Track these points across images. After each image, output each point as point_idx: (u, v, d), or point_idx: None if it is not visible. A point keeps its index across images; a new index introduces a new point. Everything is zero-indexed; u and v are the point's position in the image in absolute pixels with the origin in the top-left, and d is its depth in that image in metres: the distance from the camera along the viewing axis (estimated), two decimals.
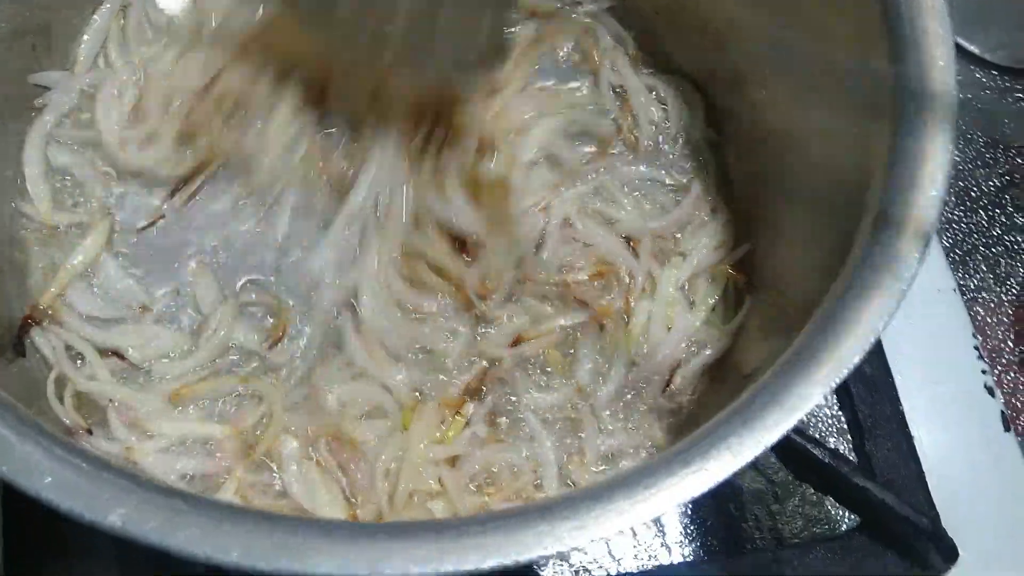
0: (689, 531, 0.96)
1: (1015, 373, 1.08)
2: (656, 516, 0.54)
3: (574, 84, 1.01)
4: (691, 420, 0.86)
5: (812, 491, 0.98)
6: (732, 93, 0.96)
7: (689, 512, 0.96)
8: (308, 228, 0.91)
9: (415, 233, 0.91)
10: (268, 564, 0.50)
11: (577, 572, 0.94)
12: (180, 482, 0.79)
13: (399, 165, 0.91)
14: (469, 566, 0.51)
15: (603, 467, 0.86)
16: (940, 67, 0.67)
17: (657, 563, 0.93)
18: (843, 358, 0.59)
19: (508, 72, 0.97)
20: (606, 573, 0.93)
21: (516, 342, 0.87)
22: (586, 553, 0.95)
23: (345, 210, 0.89)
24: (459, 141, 0.92)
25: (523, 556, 0.52)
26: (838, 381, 0.59)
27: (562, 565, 0.94)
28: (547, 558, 0.53)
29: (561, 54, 1.01)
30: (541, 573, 0.93)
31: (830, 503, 0.97)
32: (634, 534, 0.96)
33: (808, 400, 0.58)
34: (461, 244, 0.90)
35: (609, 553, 0.95)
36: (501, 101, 0.96)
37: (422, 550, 0.52)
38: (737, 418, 0.58)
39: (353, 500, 0.80)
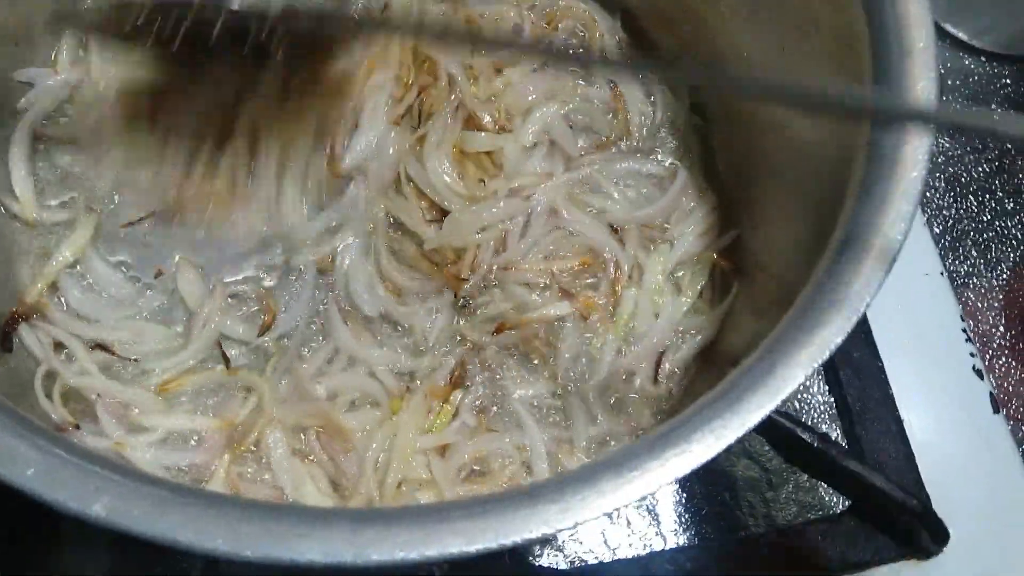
0: (683, 519, 0.96)
1: (1006, 357, 1.09)
2: (641, 497, 0.54)
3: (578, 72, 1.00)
4: (680, 406, 0.86)
5: (805, 478, 0.98)
6: None
7: (683, 501, 0.96)
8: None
9: (395, 196, 0.92)
10: (254, 551, 0.50)
11: (572, 562, 0.94)
12: (169, 475, 0.79)
13: (387, 128, 0.93)
14: (454, 550, 0.51)
15: (593, 454, 0.86)
16: (920, 48, 0.67)
17: (652, 551, 0.94)
18: (825, 339, 0.59)
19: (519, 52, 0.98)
20: (600, 562, 0.94)
21: (499, 329, 0.87)
22: (581, 543, 0.95)
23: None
24: (445, 109, 0.93)
25: (509, 539, 0.52)
26: (820, 362, 0.59)
27: (557, 555, 0.94)
28: (533, 541, 0.53)
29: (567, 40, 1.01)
30: (536, 562, 0.93)
31: (823, 489, 0.97)
32: (628, 523, 0.96)
33: (791, 382, 0.58)
34: (443, 213, 0.91)
35: (604, 542, 0.95)
36: (506, 79, 0.96)
37: (407, 535, 0.52)
38: (721, 401, 0.58)
39: (343, 490, 0.80)
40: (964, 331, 1.02)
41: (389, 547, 0.51)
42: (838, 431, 0.98)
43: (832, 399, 1.00)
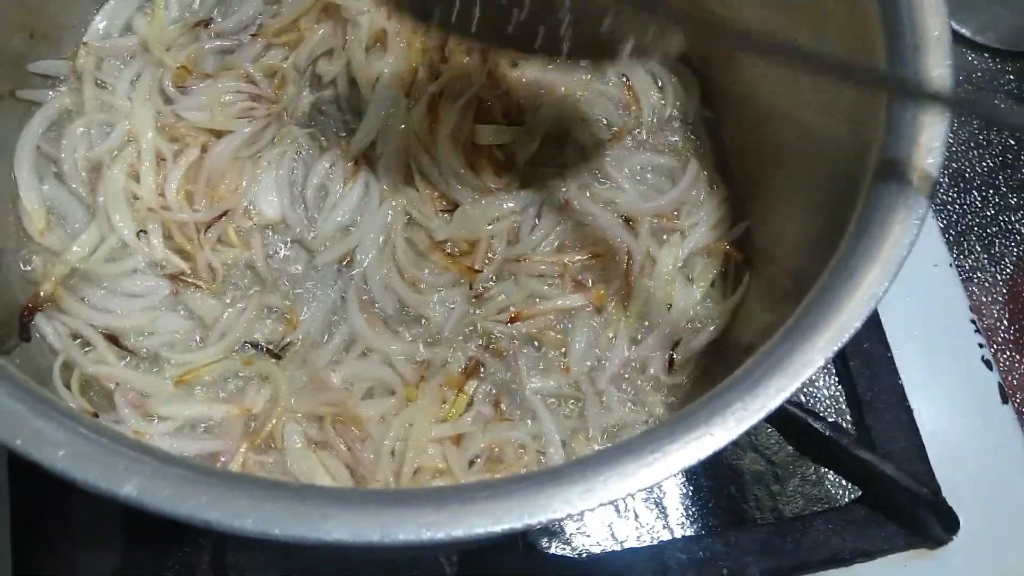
0: (691, 512, 0.96)
1: (1011, 352, 1.09)
2: (662, 480, 0.54)
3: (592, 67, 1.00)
4: (693, 396, 0.87)
5: (812, 471, 0.98)
6: (726, 72, 0.97)
7: (690, 494, 0.97)
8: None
9: (405, 188, 0.93)
10: (282, 530, 0.51)
11: (580, 554, 0.94)
12: None
13: (398, 124, 0.93)
14: (480, 530, 0.52)
15: (607, 444, 0.86)
16: (935, 37, 0.68)
17: (663, 541, 0.94)
18: (844, 324, 0.60)
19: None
20: (612, 551, 0.94)
21: (513, 320, 0.87)
22: (588, 536, 0.96)
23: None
24: (456, 104, 0.93)
25: (534, 519, 0.52)
26: (839, 346, 0.59)
27: (565, 548, 0.95)
28: (556, 521, 0.53)
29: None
30: (547, 551, 0.94)
31: (830, 482, 0.98)
32: (636, 516, 0.97)
33: (810, 366, 0.59)
34: (455, 205, 0.92)
35: (612, 535, 0.96)
36: (520, 72, 0.96)
37: (433, 515, 0.52)
38: (740, 385, 0.58)
39: (360, 479, 0.80)
40: (972, 322, 1.03)
41: (415, 527, 0.51)
42: (848, 422, 0.99)
43: (841, 391, 1.01)
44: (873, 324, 0.98)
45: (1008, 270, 1.15)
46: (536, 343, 0.89)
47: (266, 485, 0.54)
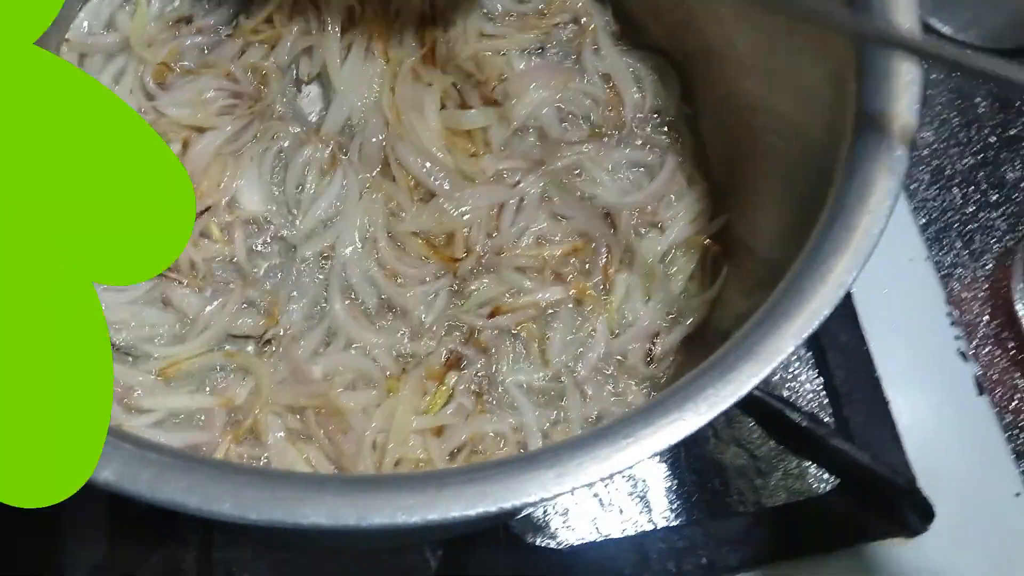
0: (675, 506, 0.97)
1: (991, 346, 1.10)
2: (636, 463, 0.55)
3: (575, 65, 1.02)
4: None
5: (794, 464, 0.99)
6: (704, 66, 0.98)
7: (674, 488, 0.98)
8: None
9: (384, 180, 0.93)
10: (260, 514, 0.51)
11: (561, 545, 0.95)
12: None
13: (373, 105, 0.95)
14: (455, 513, 0.52)
15: None
16: (906, 28, 0.69)
17: (644, 531, 0.95)
18: (813, 311, 0.61)
19: (513, 35, 0.99)
20: (594, 541, 0.95)
21: (494, 314, 0.88)
22: (573, 530, 0.96)
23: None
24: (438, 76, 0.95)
25: (508, 503, 0.53)
26: (809, 333, 0.60)
27: (549, 542, 0.95)
28: (531, 505, 0.54)
29: (560, 31, 1.03)
30: (535, 543, 0.95)
31: (812, 476, 0.99)
32: (621, 511, 0.98)
33: (781, 352, 0.60)
34: (432, 195, 0.93)
35: (596, 529, 0.97)
36: (508, 60, 0.98)
37: (409, 500, 0.53)
38: (713, 371, 0.59)
39: (342, 470, 0.81)
40: (948, 315, 1.04)
41: (391, 511, 0.52)
42: (829, 415, 1.00)
43: (820, 385, 1.02)
44: (850, 317, 0.99)
45: (989, 266, 1.16)
46: (517, 336, 0.89)
47: (246, 471, 0.54)
